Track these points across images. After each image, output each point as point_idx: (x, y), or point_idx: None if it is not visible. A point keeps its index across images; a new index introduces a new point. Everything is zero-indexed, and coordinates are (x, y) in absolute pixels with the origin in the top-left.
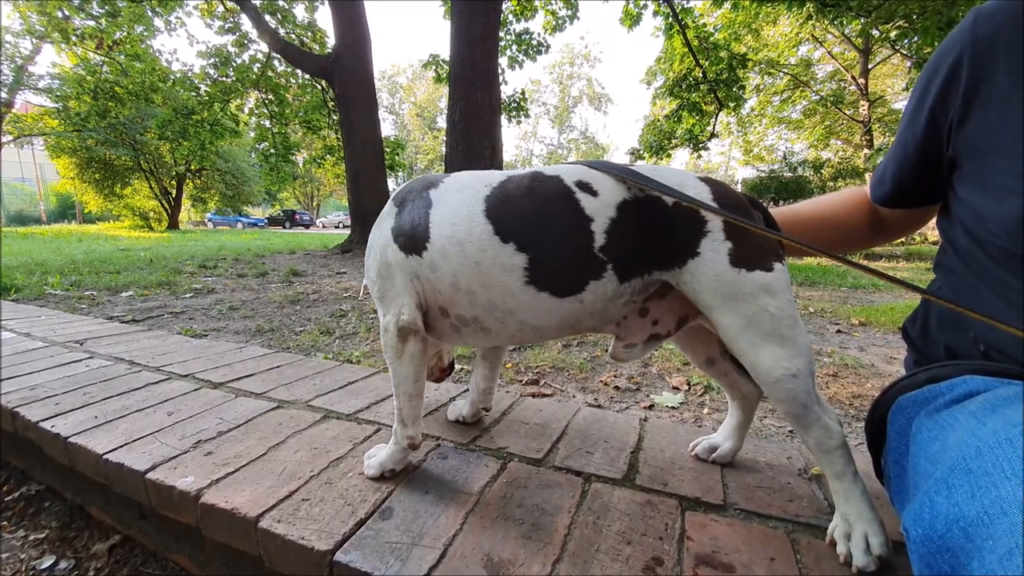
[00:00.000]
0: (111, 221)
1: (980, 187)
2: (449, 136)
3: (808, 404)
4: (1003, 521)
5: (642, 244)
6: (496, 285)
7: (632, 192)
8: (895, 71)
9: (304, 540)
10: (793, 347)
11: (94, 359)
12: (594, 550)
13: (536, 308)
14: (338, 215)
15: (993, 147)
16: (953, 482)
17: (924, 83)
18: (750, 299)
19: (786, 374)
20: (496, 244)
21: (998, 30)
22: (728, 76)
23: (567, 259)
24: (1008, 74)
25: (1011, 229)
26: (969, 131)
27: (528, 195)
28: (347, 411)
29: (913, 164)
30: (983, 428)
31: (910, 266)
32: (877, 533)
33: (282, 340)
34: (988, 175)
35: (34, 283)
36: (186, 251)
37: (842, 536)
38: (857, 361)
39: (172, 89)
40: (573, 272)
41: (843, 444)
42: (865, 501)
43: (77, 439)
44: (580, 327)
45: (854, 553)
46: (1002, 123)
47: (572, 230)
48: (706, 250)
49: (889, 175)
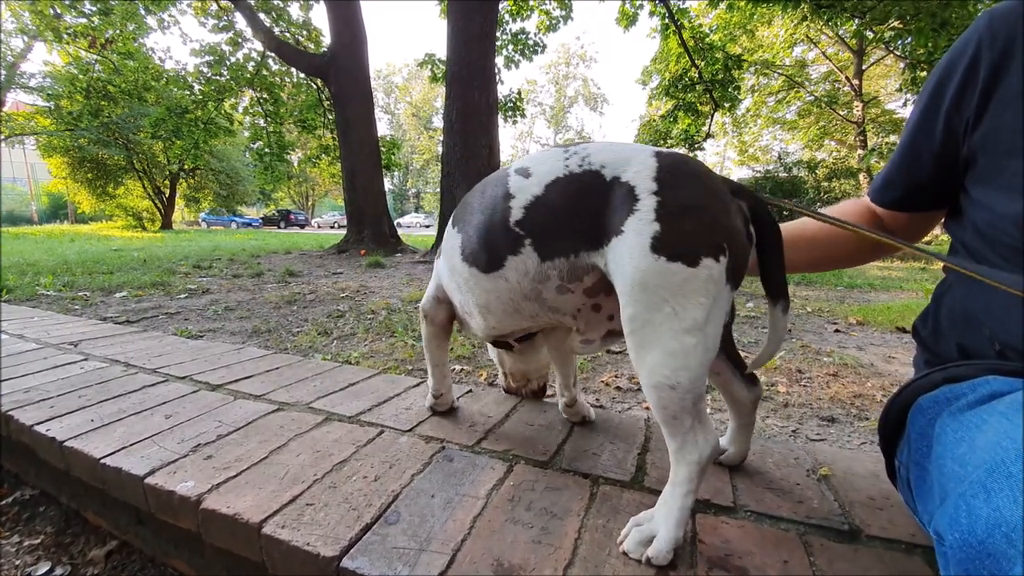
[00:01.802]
0: (104, 221)
1: (993, 187)
2: (446, 135)
3: (679, 416)
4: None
5: (567, 220)
6: (454, 269)
7: (568, 169)
8: (889, 72)
9: (309, 546)
10: (682, 359)
11: (89, 361)
12: (606, 554)
13: (475, 287)
14: (333, 215)
15: (1008, 148)
16: (992, 486)
17: (936, 86)
18: (656, 292)
19: (663, 383)
20: (451, 231)
21: (1013, 29)
22: (724, 76)
23: (485, 234)
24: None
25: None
26: (985, 130)
27: (480, 185)
28: (349, 413)
29: (927, 166)
30: (1018, 430)
31: (904, 266)
32: (668, 541)
33: (279, 341)
34: (1003, 175)
35: (26, 284)
36: (180, 251)
37: (636, 526)
38: (856, 360)
39: (165, 88)
40: (491, 246)
41: (701, 464)
42: (681, 515)
43: (73, 443)
44: (530, 314)
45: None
46: (1017, 124)
47: (494, 207)
48: (630, 230)
49: (899, 178)
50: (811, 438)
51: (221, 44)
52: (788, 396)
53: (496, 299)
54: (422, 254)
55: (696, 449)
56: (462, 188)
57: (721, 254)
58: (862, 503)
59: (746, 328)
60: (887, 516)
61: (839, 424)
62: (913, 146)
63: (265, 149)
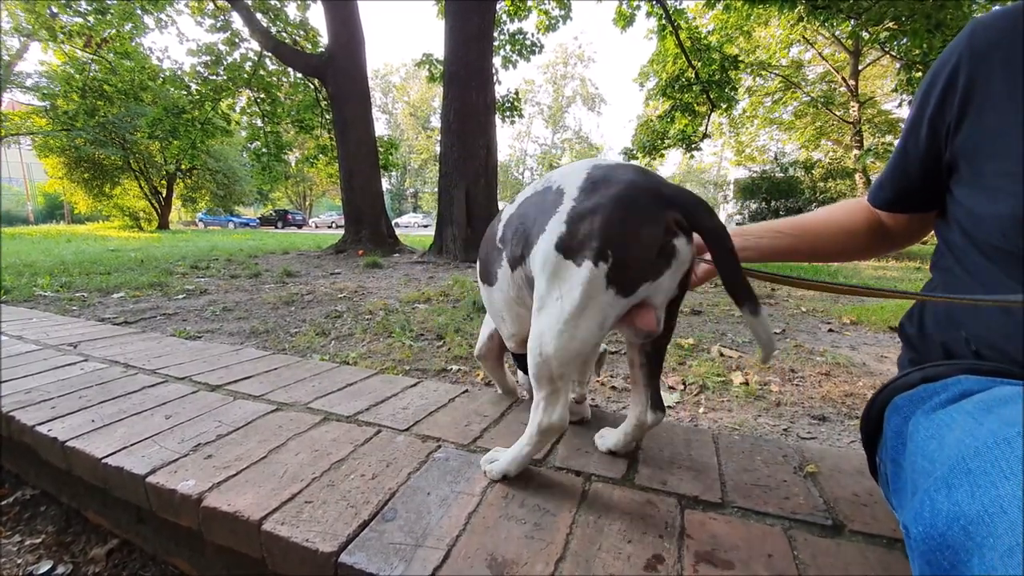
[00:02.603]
0: (100, 221)
1: (975, 188)
2: (444, 135)
3: (539, 381)
4: (1003, 519)
5: (526, 230)
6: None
7: (536, 186)
8: (885, 73)
9: (308, 542)
10: (554, 337)
11: (88, 362)
12: (596, 549)
13: (487, 300)
14: (331, 215)
15: (988, 150)
16: (953, 481)
17: (924, 92)
18: (551, 277)
19: (535, 349)
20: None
21: (995, 39)
22: (720, 77)
23: (487, 253)
24: (1003, 80)
25: (1004, 227)
26: (965, 135)
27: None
28: (347, 413)
29: (914, 169)
30: (980, 428)
31: (899, 265)
32: (501, 469)
33: (278, 342)
34: (983, 177)
35: (23, 285)
36: (177, 251)
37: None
38: (849, 360)
39: (162, 87)
40: (488, 263)
41: (542, 429)
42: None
43: (74, 443)
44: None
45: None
46: (996, 127)
47: (491, 229)
48: (548, 229)
49: (888, 180)
50: (802, 436)
51: (218, 44)
52: (780, 395)
53: (503, 307)
54: (420, 254)
55: (544, 416)
56: (460, 188)
57: (601, 260)
58: (847, 499)
59: (740, 328)
60: (870, 512)
61: (830, 423)
62: (904, 150)
63: (262, 149)
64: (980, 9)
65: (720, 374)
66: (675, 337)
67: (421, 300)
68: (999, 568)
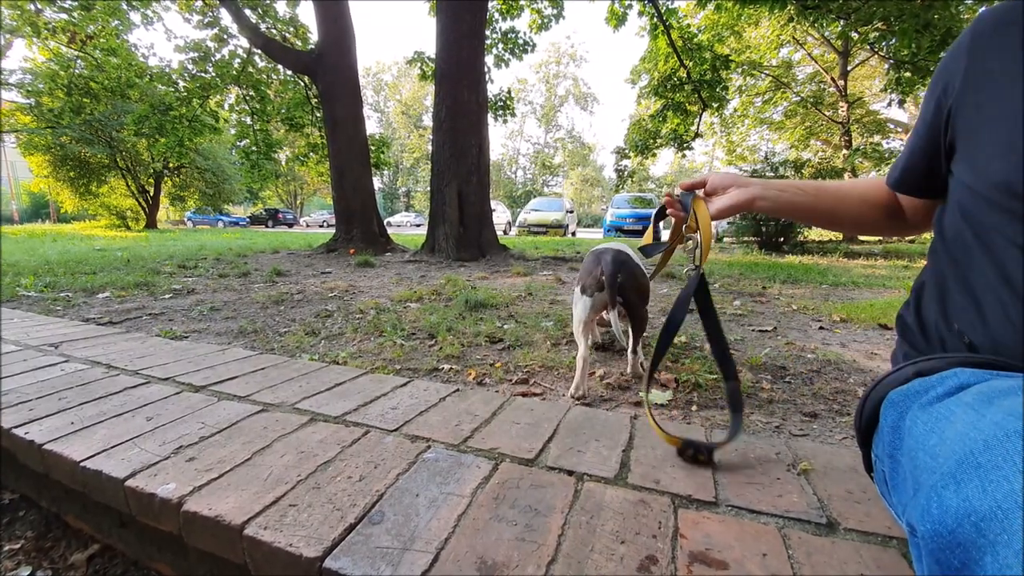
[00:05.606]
0: (87, 220)
1: (972, 154)
2: (436, 134)
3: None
4: (1018, 515)
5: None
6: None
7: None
8: (873, 73)
9: (292, 547)
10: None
11: (69, 363)
12: (588, 550)
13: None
14: (322, 214)
15: (984, 122)
16: (961, 477)
17: (936, 75)
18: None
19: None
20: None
21: (995, 23)
22: (712, 77)
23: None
24: (999, 59)
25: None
26: (965, 113)
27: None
28: (335, 413)
29: (919, 150)
30: (983, 420)
31: (887, 263)
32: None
33: (266, 341)
34: (979, 148)
35: (6, 284)
36: (165, 251)
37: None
38: (839, 357)
39: (149, 84)
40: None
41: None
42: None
43: (52, 446)
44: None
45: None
46: (992, 101)
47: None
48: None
49: (900, 161)
50: (794, 433)
51: (206, 40)
52: (772, 393)
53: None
54: (412, 253)
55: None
56: (452, 187)
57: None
58: (840, 496)
59: (732, 326)
60: (864, 509)
61: (821, 419)
62: (916, 132)
63: (252, 147)
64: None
65: (712, 372)
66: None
67: (413, 299)
68: (1014, 566)
